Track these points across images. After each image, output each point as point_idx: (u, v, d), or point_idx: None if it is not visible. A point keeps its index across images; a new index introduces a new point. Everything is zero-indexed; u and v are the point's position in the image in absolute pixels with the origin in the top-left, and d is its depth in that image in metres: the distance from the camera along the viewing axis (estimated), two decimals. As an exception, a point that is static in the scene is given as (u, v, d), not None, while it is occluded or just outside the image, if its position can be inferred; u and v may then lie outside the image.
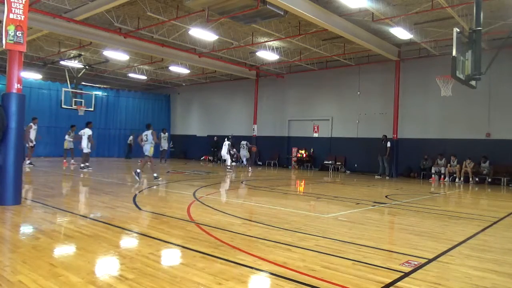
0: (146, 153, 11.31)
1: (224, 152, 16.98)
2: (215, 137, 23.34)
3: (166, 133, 21.42)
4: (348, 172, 19.04)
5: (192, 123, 27.64)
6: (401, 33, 13.94)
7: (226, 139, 17.32)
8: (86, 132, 14.38)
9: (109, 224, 5.28)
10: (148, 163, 11.61)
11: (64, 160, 17.02)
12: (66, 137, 17.27)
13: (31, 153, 15.32)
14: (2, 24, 6.41)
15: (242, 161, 19.56)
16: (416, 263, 3.94)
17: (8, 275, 3.19)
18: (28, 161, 14.71)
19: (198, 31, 14.53)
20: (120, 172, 14.49)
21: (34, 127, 15.12)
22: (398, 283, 3.34)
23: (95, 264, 3.64)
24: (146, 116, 27.42)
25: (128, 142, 24.28)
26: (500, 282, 3.52)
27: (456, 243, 4.93)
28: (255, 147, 20.04)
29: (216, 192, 9.72)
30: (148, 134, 11.27)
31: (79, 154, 15.69)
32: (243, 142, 18.76)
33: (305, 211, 7.31)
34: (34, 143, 15.27)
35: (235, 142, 18.73)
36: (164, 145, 20.88)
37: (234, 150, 18.26)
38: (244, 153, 18.82)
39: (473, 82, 8.82)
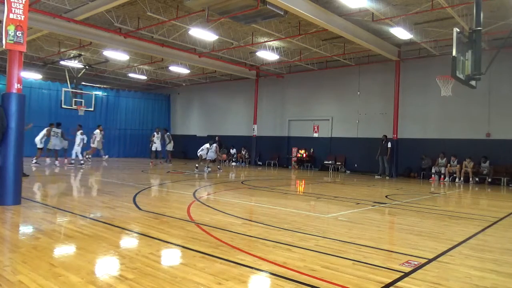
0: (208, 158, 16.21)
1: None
2: (216, 137, 23.30)
3: (168, 133, 21.34)
4: (348, 172, 19.04)
5: (192, 123, 27.64)
6: (401, 33, 13.94)
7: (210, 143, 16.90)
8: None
9: (109, 224, 5.28)
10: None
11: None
12: (97, 137, 18.04)
13: (92, 152, 18.02)
14: (2, 24, 6.40)
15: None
16: (416, 263, 3.94)
17: (8, 275, 3.19)
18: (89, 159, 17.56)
19: (198, 31, 14.54)
20: (119, 172, 14.49)
21: (99, 133, 17.82)
22: (398, 283, 3.34)
23: (95, 264, 3.64)
24: (146, 116, 27.44)
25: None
26: (500, 282, 3.52)
27: (456, 243, 4.93)
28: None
29: (216, 192, 9.72)
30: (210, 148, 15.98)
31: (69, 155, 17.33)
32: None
33: (305, 211, 7.31)
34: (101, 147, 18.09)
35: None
36: (169, 145, 20.71)
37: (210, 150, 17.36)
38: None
39: (473, 82, 8.82)
